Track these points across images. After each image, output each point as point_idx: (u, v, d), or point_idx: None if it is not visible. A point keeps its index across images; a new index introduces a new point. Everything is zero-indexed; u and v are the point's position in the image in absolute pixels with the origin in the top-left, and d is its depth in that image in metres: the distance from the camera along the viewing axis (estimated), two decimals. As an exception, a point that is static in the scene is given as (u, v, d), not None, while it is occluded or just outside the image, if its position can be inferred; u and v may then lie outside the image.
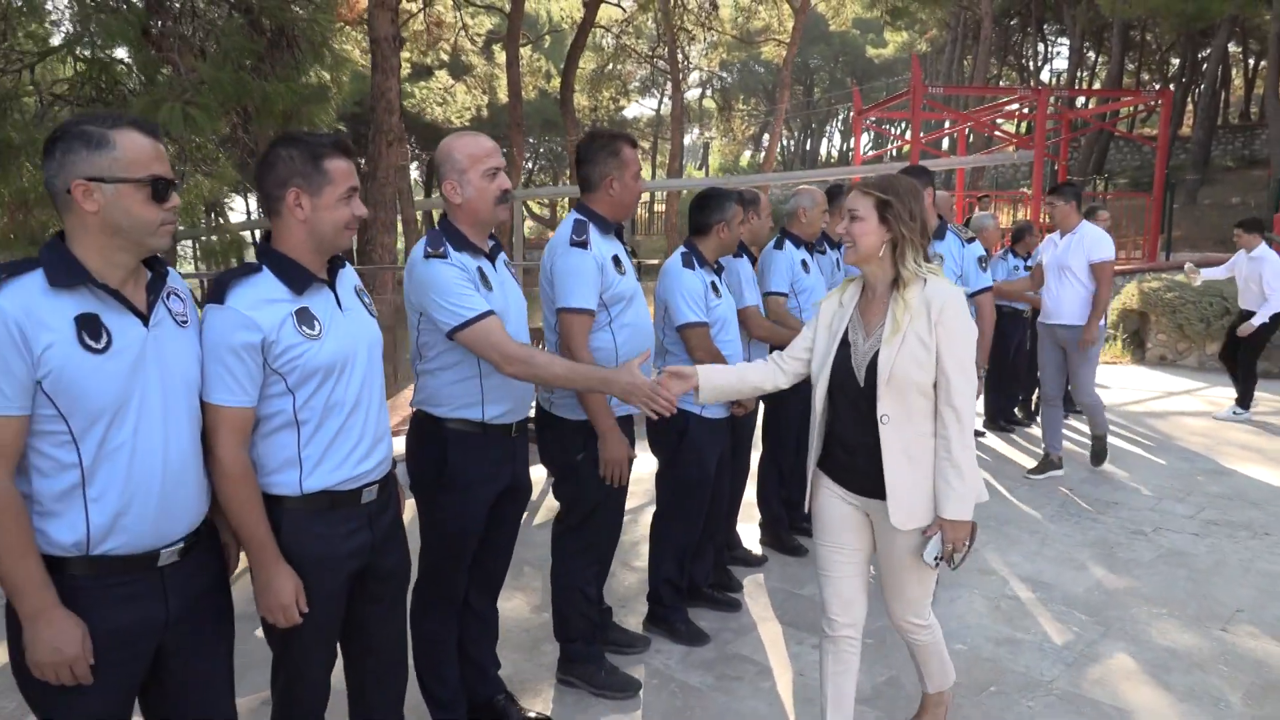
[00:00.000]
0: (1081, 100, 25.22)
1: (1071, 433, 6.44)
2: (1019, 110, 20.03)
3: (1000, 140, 20.58)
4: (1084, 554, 4.31)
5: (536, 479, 3.37)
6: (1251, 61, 30.31)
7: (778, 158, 39.39)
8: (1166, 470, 5.73)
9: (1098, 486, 5.34)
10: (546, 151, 42.69)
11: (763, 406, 4.04)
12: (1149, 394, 8.19)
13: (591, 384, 2.51)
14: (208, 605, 1.86)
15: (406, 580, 2.30)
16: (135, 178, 1.63)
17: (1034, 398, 7.15)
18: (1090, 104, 24.69)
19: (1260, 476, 5.55)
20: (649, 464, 3.52)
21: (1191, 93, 28.28)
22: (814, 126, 56.10)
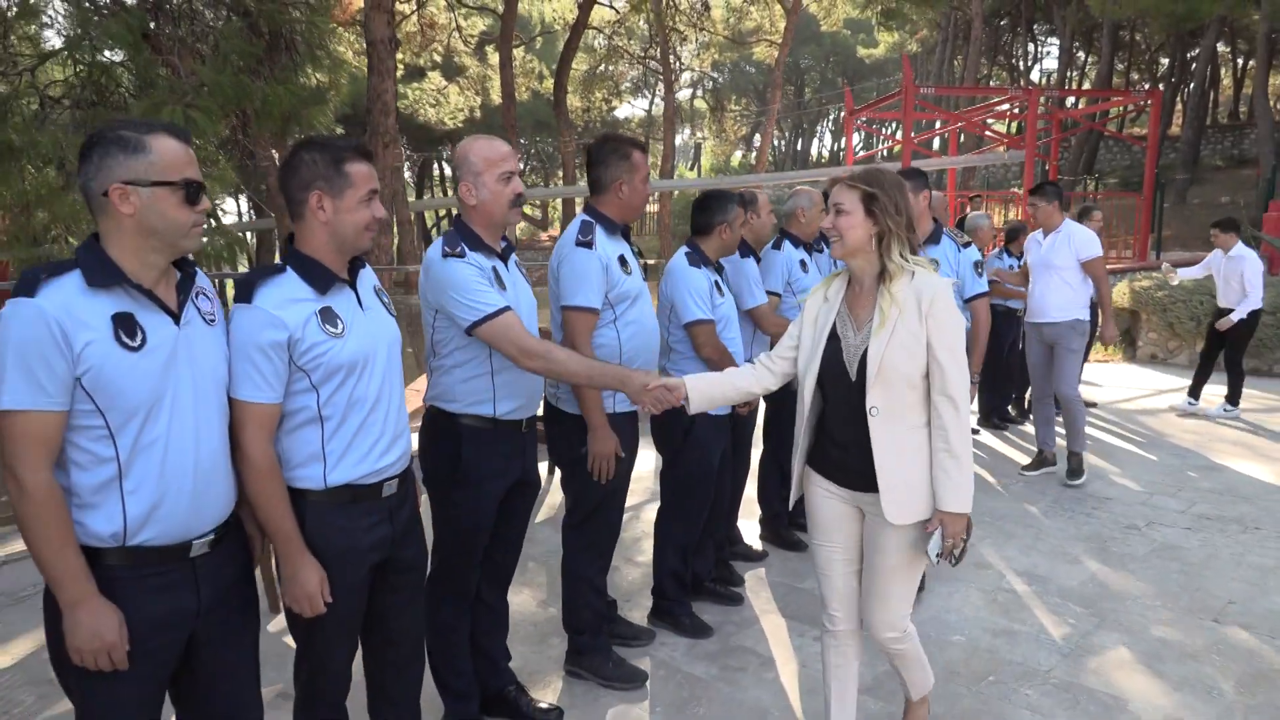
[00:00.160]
0: (1071, 100, 25.37)
1: (1064, 430, 6.49)
2: (1010, 110, 20.06)
3: (991, 140, 20.64)
4: (1078, 548, 4.39)
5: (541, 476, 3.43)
6: (1240, 61, 30.51)
7: (769, 158, 39.44)
8: (1158, 466, 5.81)
9: (1091, 482, 5.41)
10: (538, 153, 42.75)
11: (764, 405, 4.10)
12: (1140, 392, 8.28)
13: (608, 381, 2.57)
14: (236, 596, 1.92)
15: (424, 573, 2.36)
16: (170, 181, 1.69)
17: (1027, 396, 7.22)
18: (1080, 104, 24.85)
19: (1250, 472, 5.63)
20: (650, 461, 3.57)
21: (1181, 92, 28.48)
22: (805, 127, 56.23)
